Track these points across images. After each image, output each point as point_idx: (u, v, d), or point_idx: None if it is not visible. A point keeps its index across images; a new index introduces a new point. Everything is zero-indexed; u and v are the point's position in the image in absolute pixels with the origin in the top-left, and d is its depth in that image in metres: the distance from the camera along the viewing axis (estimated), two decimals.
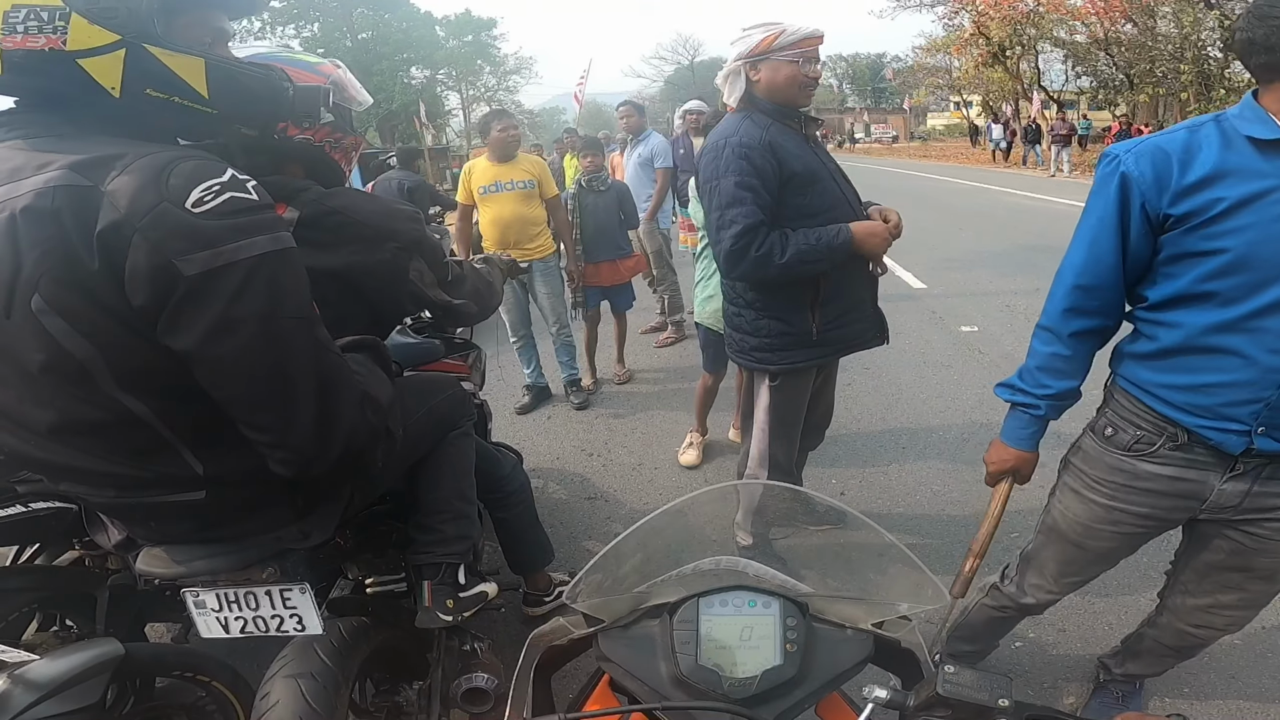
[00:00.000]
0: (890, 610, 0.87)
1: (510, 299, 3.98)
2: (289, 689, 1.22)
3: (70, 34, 0.86)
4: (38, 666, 1.23)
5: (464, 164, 4.40)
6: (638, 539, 0.93)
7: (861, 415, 3.83)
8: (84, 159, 0.84)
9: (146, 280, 0.83)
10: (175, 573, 1.19)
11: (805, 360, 2.12)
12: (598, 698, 0.89)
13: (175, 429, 0.98)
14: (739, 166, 1.86)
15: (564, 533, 2.89)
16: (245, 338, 0.89)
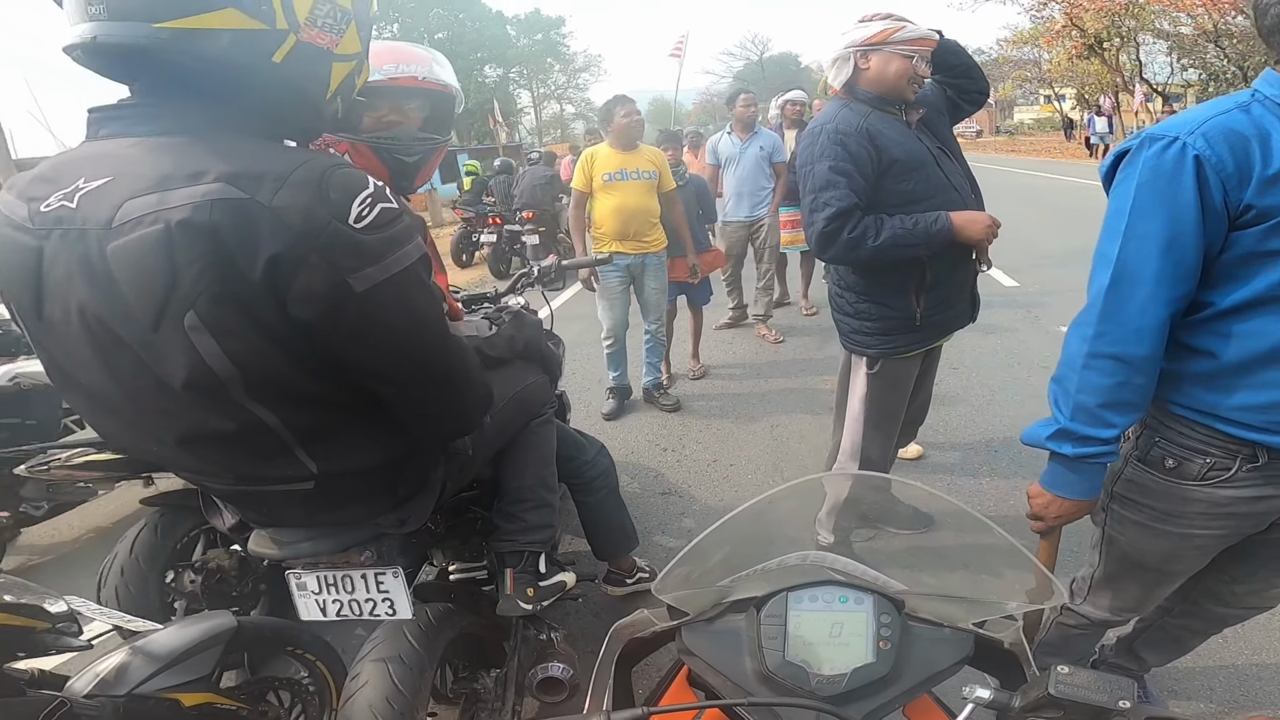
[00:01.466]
0: (996, 609, 0.83)
1: (615, 296, 3.84)
2: (378, 671, 1.26)
3: (344, 38, 0.92)
4: (158, 638, 1.32)
5: None
6: (725, 533, 0.92)
7: (950, 418, 3.64)
8: (236, 170, 0.81)
9: (320, 298, 0.84)
10: (282, 554, 1.25)
11: (905, 346, 2.09)
12: (675, 691, 0.88)
13: (295, 433, 1.00)
14: (834, 152, 1.90)
15: (638, 527, 2.86)
16: (407, 342, 0.95)
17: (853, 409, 2.24)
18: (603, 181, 3.63)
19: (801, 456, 3.40)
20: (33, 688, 1.20)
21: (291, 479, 1.07)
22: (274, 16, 0.84)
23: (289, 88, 0.91)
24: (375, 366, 0.96)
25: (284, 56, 0.86)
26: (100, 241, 0.82)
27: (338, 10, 0.90)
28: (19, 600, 1.14)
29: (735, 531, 0.93)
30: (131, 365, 0.89)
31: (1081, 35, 24.62)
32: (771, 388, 4.33)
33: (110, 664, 1.26)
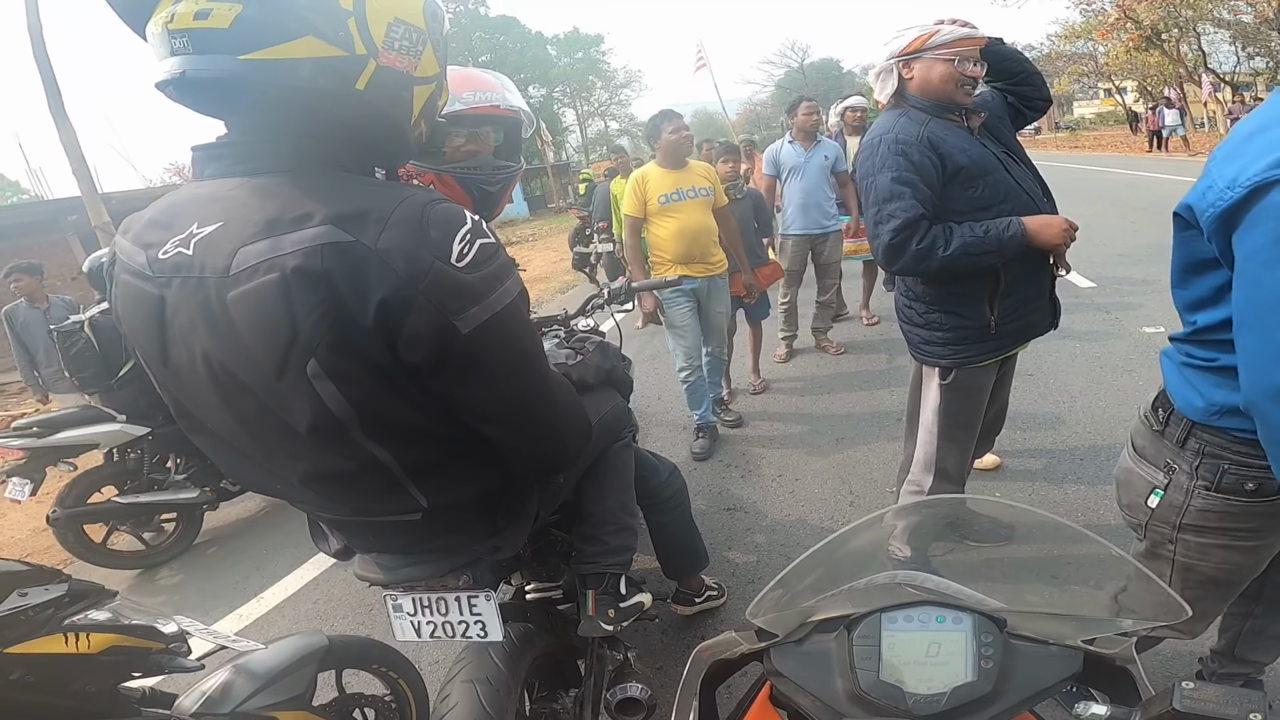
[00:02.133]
0: (1109, 626, 0.79)
1: (686, 324, 3.57)
2: (467, 693, 1.28)
3: (422, 60, 0.90)
4: (258, 657, 1.39)
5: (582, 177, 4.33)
6: (820, 556, 0.91)
7: (1029, 426, 3.46)
8: (340, 211, 0.81)
9: (428, 341, 0.84)
10: (386, 579, 1.29)
11: (979, 355, 2.02)
12: (757, 711, 0.87)
13: (407, 469, 1.01)
14: (895, 163, 1.86)
15: (705, 543, 2.86)
16: (505, 377, 0.94)
17: (925, 421, 2.17)
18: (659, 205, 3.42)
19: (870, 469, 3.32)
20: (145, 706, 1.27)
21: (402, 511, 1.09)
22: (352, 42, 0.83)
23: (375, 115, 0.90)
24: (482, 406, 0.96)
25: (366, 83, 0.85)
26: (219, 290, 0.83)
27: (413, 32, 0.89)
28: (134, 622, 1.21)
29: (825, 555, 0.92)
30: (256, 410, 0.91)
31: (1137, 27, 23.77)
32: (835, 400, 4.25)
33: (215, 683, 1.32)
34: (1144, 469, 1.35)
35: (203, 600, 3.22)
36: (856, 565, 0.96)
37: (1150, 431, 1.34)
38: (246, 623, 2.91)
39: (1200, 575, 1.35)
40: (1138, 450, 1.38)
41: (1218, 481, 1.21)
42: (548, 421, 1.05)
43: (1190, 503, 1.26)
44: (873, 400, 4.13)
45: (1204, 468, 1.22)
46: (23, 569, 1.11)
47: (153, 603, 3.30)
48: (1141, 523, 1.37)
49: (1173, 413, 1.27)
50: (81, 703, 1.13)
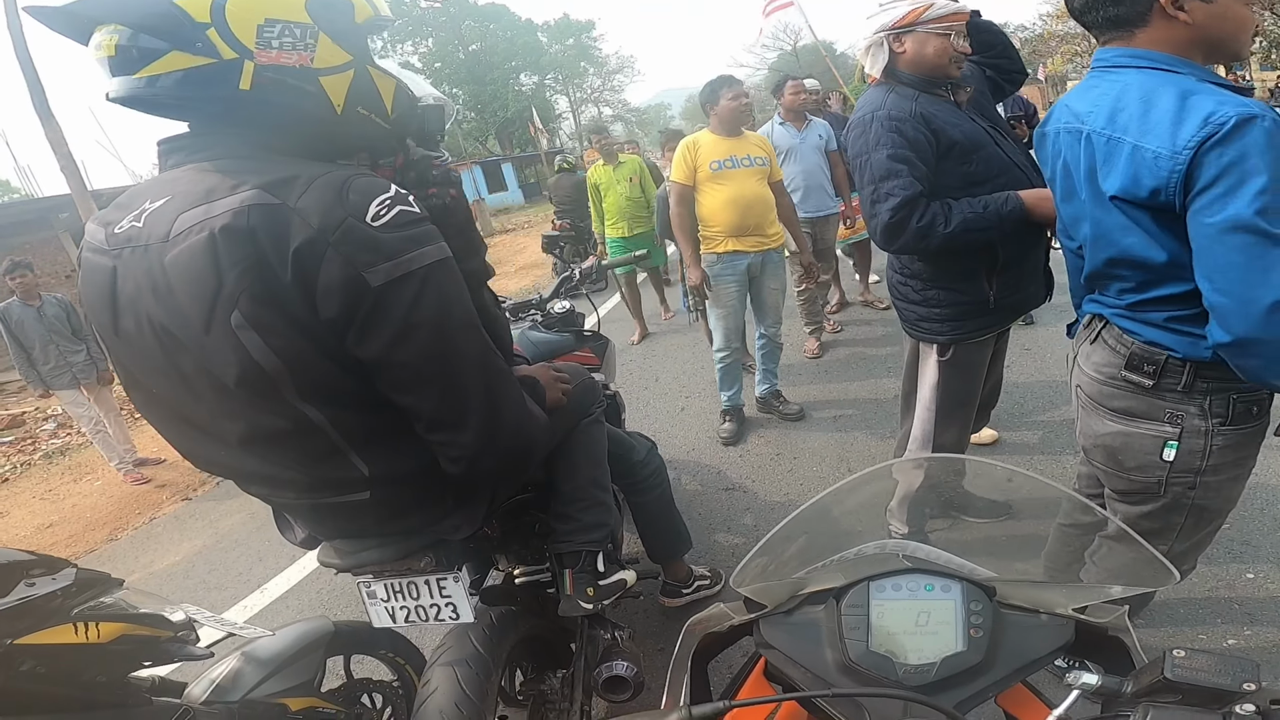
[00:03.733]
0: (1100, 593, 0.80)
1: (732, 302, 3.41)
2: (446, 676, 1.30)
3: (318, 52, 0.94)
4: (265, 644, 1.40)
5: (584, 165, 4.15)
6: (800, 524, 0.91)
7: (1025, 400, 3.47)
8: (271, 179, 0.89)
9: (339, 292, 0.88)
10: (346, 563, 1.31)
11: (978, 330, 2.03)
12: (751, 684, 0.88)
13: (345, 434, 1.04)
14: (890, 139, 1.83)
15: (701, 524, 2.89)
16: (423, 343, 0.94)
17: (923, 398, 2.18)
18: (711, 171, 3.20)
19: (867, 447, 3.34)
20: (155, 694, 1.28)
21: (347, 487, 1.11)
22: (216, 49, 0.88)
23: (281, 109, 0.95)
24: (399, 371, 0.96)
25: (251, 82, 0.91)
26: (160, 254, 0.90)
27: (294, 28, 0.92)
28: (143, 610, 1.22)
29: (810, 523, 0.93)
30: (192, 368, 0.96)
31: None
32: (833, 379, 4.26)
33: (224, 670, 1.34)
34: (1145, 427, 1.37)
35: (207, 592, 3.25)
36: (845, 533, 0.97)
37: (1135, 392, 1.36)
38: (251, 613, 2.94)
39: (1209, 513, 1.41)
40: (1125, 413, 1.39)
41: (1231, 414, 1.27)
42: (476, 405, 1.03)
43: (1211, 443, 1.31)
44: (871, 378, 4.14)
45: (1215, 405, 1.27)
46: (29, 558, 1.12)
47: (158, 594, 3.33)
48: (1160, 479, 1.38)
49: (1166, 363, 1.30)
50: (93, 693, 1.14)
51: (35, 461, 6.31)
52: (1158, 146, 1.09)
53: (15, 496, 5.48)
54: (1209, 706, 0.59)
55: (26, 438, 7.10)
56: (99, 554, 4.01)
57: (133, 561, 3.77)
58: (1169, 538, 1.44)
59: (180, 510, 4.33)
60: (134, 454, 5.08)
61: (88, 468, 5.73)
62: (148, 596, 1.32)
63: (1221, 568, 2.17)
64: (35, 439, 7.02)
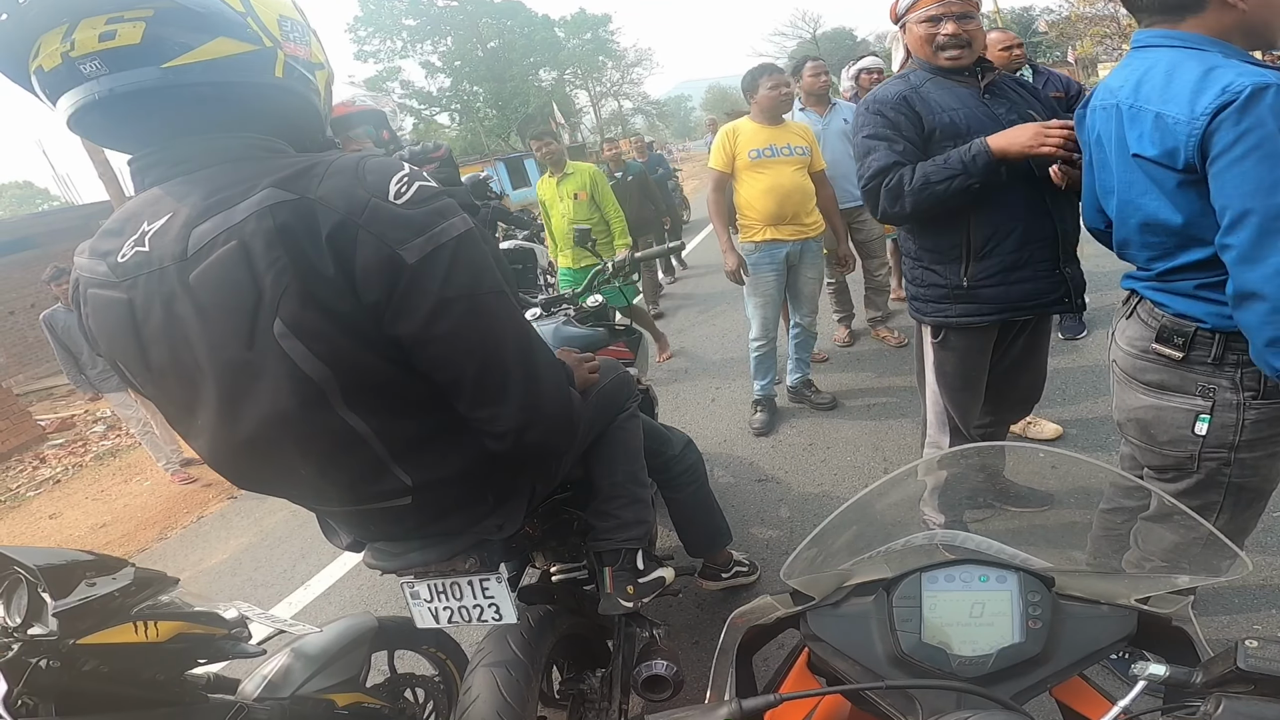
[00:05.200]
0: (1165, 584, 0.78)
1: (770, 290, 3.39)
2: (486, 680, 1.29)
3: (312, 47, 0.99)
4: (313, 639, 1.43)
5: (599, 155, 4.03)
6: (848, 516, 0.90)
7: (1093, 395, 3.28)
8: (281, 175, 0.87)
9: (377, 272, 0.87)
10: (392, 565, 1.31)
11: (961, 316, 1.99)
12: (795, 677, 0.87)
13: (389, 444, 1.03)
14: (871, 121, 1.91)
15: (735, 517, 2.87)
16: (459, 314, 0.93)
17: (928, 380, 2.17)
18: (749, 160, 3.22)
19: (903, 434, 3.29)
20: (210, 692, 1.32)
21: (390, 494, 1.10)
22: (259, 36, 0.89)
23: (297, 100, 0.98)
24: (446, 350, 0.95)
25: (283, 71, 0.93)
26: (181, 274, 0.87)
27: (298, 24, 0.97)
28: (198, 609, 1.26)
29: (859, 514, 0.91)
30: (239, 391, 0.94)
31: None
32: (864, 368, 4.21)
33: (274, 667, 1.37)
34: (1177, 400, 1.37)
35: (254, 589, 3.33)
36: (893, 525, 0.95)
37: (1168, 365, 1.37)
38: (297, 609, 3.02)
39: (1250, 493, 1.40)
40: (1158, 386, 1.40)
41: (1262, 386, 1.28)
42: (517, 373, 1.01)
43: (1244, 417, 1.31)
44: (904, 365, 4.06)
45: (1247, 377, 1.28)
46: (88, 558, 1.15)
47: (209, 592, 3.43)
48: (1192, 454, 1.38)
49: (1196, 334, 1.31)
50: (152, 691, 1.16)
51: (86, 463, 6.54)
52: (1177, 112, 1.16)
53: (69, 497, 5.69)
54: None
55: (77, 440, 7.36)
56: (150, 552, 4.15)
57: (183, 559, 3.89)
58: (1210, 518, 1.41)
59: (226, 509, 4.45)
60: (180, 454, 5.23)
61: (137, 468, 5.92)
62: (200, 595, 1.35)
63: (1275, 556, 2.09)
64: (85, 441, 7.28)
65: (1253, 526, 1.49)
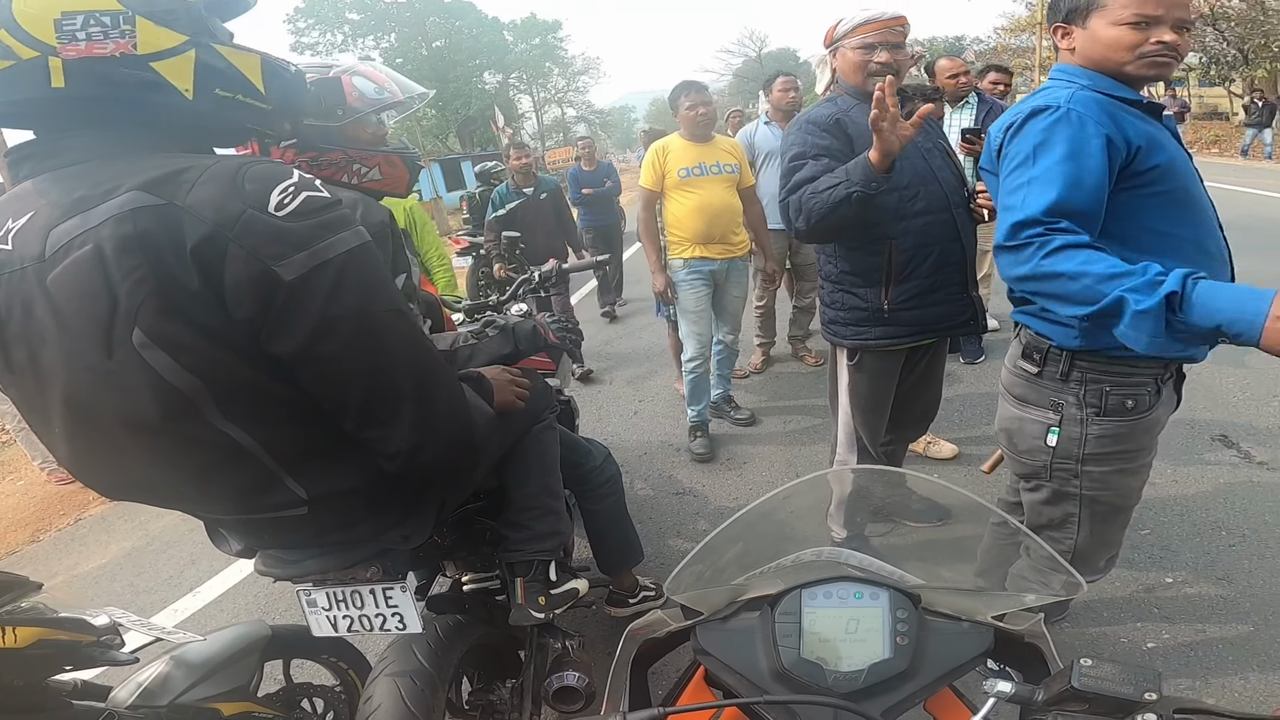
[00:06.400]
0: (1015, 602, 0.83)
1: (701, 310, 3.37)
2: (389, 690, 1.26)
3: (139, 37, 0.85)
4: (197, 648, 1.36)
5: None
6: (736, 531, 0.92)
7: (989, 415, 3.52)
8: (150, 177, 0.82)
9: (250, 290, 0.82)
10: (288, 572, 1.25)
11: (878, 339, 2.06)
12: (692, 691, 0.88)
13: (278, 457, 0.97)
14: (799, 139, 1.95)
15: (651, 529, 2.91)
16: (346, 335, 0.88)
17: (841, 400, 2.23)
18: (679, 178, 3.21)
19: (815, 453, 3.41)
20: (76, 699, 1.23)
21: (284, 505, 1.04)
22: (11, 50, 0.81)
23: (119, 103, 0.87)
24: (330, 371, 0.90)
25: (65, 79, 0.82)
26: (39, 276, 0.82)
27: (100, 17, 0.83)
28: (63, 615, 1.18)
29: (747, 529, 0.93)
30: (100, 400, 0.88)
31: None
32: (783, 387, 4.34)
33: (152, 674, 1.30)
34: (1033, 413, 1.50)
35: (135, 596, 3.10)
36: (786, 539, 0.98)
37: (1027, 379, 1.50)
38: (183, 617, 2.83)
39: (1104, 506, 1.51)
40: (1019, 398, 1.53)
41: (1104, 405, 1.40)
42: (409, 394, 0.96)
43: (1087, 432, 1.43)
44: (821, 387, 4.17)
45: (1089, 395, 1.41)
46: None
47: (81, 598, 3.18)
48: (1045, 464, 1.50)
49: (1048, 352, 1.44)
50: (10, 697, 1.09)
51: None
52: (996, 130, 1.39)
53: None
54: (1114, 715, 0.62)
55: None
56: (20, 555, 3.80)
57: (56, 564, 3.58)
58: (1071, 531, 1.54)
59: (108, 511, 4.12)
60: None
61: (10, 466, 5.42)
62: (67, 601, 1.27)
63: (1142, 572, 2.29)
64: None
65: (1117, 541, 1.60)
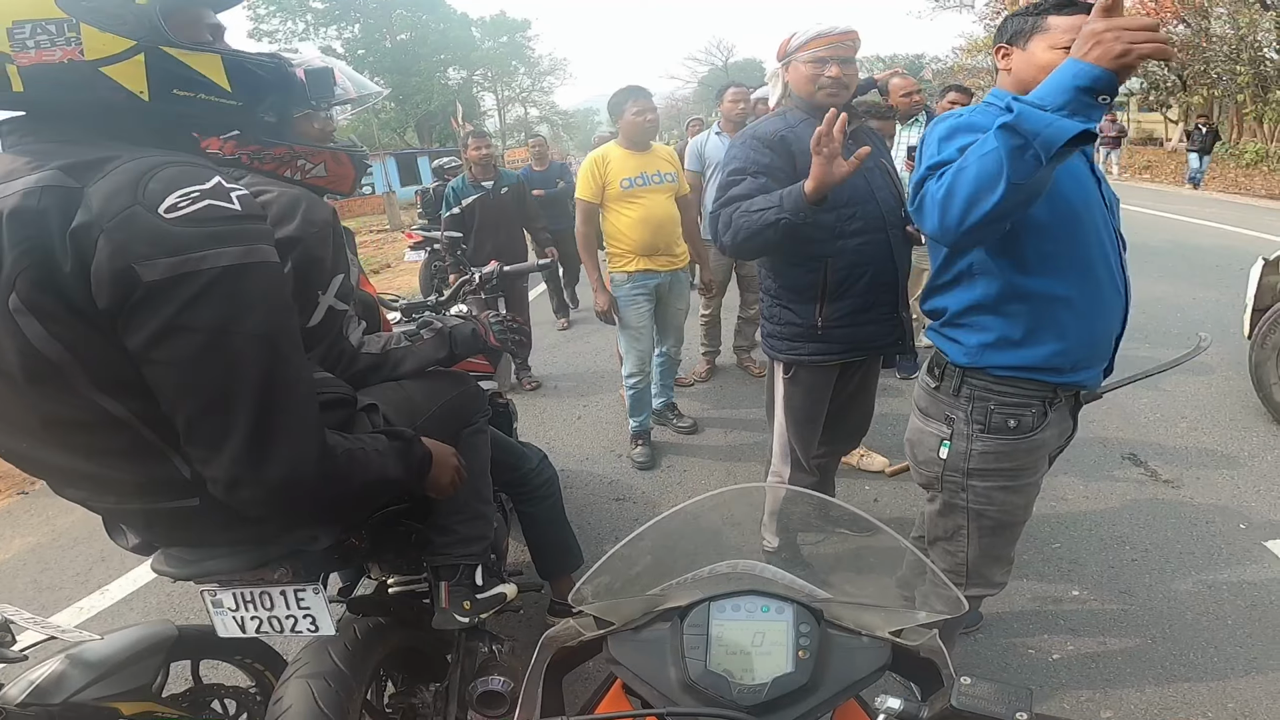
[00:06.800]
0: (909, 618, 0.85)
1: (644, 324, 3.32)
2: (300, 691, 1.23)
3: (85, 43, 0.86)
4: (95, 647, 1.30)
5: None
6: (649, 540, 0.93)
7: (898, 423, 3.69)
8: (77, 161, 0.85)
9: (109, 282, 0.82)
10: (188, 572, 1.21)
11: (811, 355, 2.10)
12: (610, 701, 0.88)
13: (158, 432, 0.96)
14: (739, 154, 1.97)
15: (590, 534, 2.91)
16: (191, 346, 0.86)
17: (777, 414, 2.28)
18: (622, 189, 3.12)
19: (756, 459, 3.45)
20: None
21: (172, 492, 1.02)
22: None
23: (75, 105, 0.90)
24: (167, 380, 0.89)
25: (23, 84, 0.86)
26: None
27: (47, 25, 0.85)
28: None
29: (665, 538, 0.94)
30: None
31: None
32: (727, 396, 4.39)
33: (45, 672, 1.25)
34: (931, 426, 1.56)
35: (38, 593, 2.94)
36: (702, 551, 0.99)
37: (929, 392, 1.56)
38: (88, 615, 2.70)
39: (990, 521, 1.57)
40: (922, 411, 1.59)
41: (988, 422, 1.46)
42: (243, 426, 0.91)
43: (972, 448, 1.49)
44: (763, 397, 4.22)
45: (976, 411, 1.47)
46: None
47: None
48: (937, 475, 1.56)
49: (946, 368, 1.51)
50: None
51: None
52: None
53: None
54: None
55: None
56: None
57: None
58: (961, 544, 1.61)
59: (13, 505, 3.88)
60: None
61: None
62: None
63: (1052, 584, 2.41)
64: None
65: (1008, 557, 1.67)
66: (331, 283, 1.32)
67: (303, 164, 1.40)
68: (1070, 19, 1.29)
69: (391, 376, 1.48)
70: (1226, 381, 4.07)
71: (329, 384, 1.26)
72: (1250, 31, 17.88)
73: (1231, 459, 3.22)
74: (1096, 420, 3.59)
